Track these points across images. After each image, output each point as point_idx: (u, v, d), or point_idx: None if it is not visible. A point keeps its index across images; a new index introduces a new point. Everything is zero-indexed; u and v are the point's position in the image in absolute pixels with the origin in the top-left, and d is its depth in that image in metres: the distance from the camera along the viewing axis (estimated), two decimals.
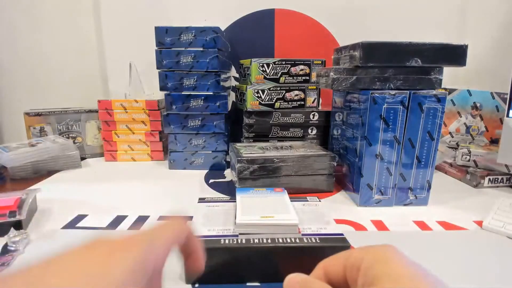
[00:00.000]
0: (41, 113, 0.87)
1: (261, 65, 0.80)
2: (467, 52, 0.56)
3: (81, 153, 0.89)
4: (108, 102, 0.85)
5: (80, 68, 1.02)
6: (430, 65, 0.57)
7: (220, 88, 0.79)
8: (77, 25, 1.00)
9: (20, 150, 0.74)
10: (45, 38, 0.99)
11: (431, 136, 0.57)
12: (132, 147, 0.88)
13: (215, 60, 0.77)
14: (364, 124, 0.57)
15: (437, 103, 0.55)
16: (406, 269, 0.17)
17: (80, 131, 0.91)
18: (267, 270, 0.37)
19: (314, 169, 0.65)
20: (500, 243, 0.47)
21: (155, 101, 0.86)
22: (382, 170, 0.58)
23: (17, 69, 1.01)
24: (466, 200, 0.63)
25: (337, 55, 0.67)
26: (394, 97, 0.55)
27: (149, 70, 0.88)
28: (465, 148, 0.75)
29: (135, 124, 0.87)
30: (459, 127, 0.90)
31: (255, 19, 0.99)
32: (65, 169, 0.80)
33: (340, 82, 0.58)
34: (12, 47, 0.99)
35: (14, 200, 0.50)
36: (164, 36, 0.76)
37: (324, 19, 1.00)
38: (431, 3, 0.99)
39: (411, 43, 0.55)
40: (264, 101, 0.79)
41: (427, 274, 0.17)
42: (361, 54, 0.55)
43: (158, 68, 0.78)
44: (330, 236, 0.38)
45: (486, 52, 1.00)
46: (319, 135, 0.81)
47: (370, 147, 0.57)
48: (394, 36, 0.96)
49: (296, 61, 0.81)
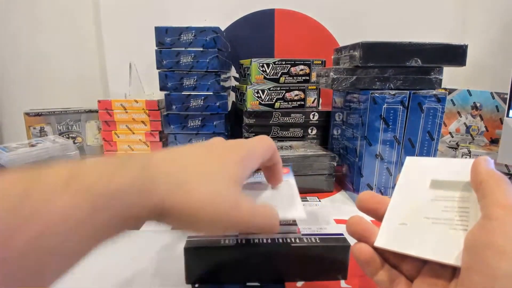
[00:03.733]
0: (41, 113, 0.87)
1: (261, 65, 0.80)
2: (467, 52, 0.56)
3: (81, 153, 0.89)
4: (108, 102, 0.85)
5: (80, 68, 1.02)
6: (430, 65, 0.57)
7: (220, 88, 0.79)
8: (77, 25, 1.00)
9: (20, 150, 0.74)
10: (45, 38, 0.99)
11: (431, 136, 0.57)
12: (132, 147, 0.88)
13: (215, 60, 0.77)
14: (364, 124, 0.57)
15: (437, 103, 0.55)
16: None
17: (80, 131, 0.91)
18: (267, 270, 0.37)
19: (314, 169, 0.65)
20: None
21: (155, 101, 0.86)
22: (382, 170, 0.58)
23: (17, 69, 1.01)
24: None
25: (337, 55, 0.67)
26: (394, 97, 0.55)
27: (149, 70, 0.88)
28: (465, 148, 0.75)
29: (135, 124, 0.87)
30: (459, 127, 0.90)
31: (255, 19, 0.99)
32: None
33: (340, 82, 0.58)
34: (12, 47, 0.99)
35: None
36: (164, 36, 0.76)
37: (324, 19, 1.00)
38: (431, 3, 0.99)
39: (411, 43, 0.55)
40: (264, 101, 0.79)
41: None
42: (361, 54, 0.55)
43: (158, 68, 0.78)
44: (330, 236, 0.38)
45: (486, 52, 1.00)
46: (319, 135, 0.81)
47: (370, 147, 0.57)
48: (394, 36, 0.96)
49: (296, 61, 0.81)
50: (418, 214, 0.26)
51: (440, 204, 0.26)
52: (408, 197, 0.28)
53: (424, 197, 0.27)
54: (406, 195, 0.29)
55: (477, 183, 0.23)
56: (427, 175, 0.29)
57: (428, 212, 0.26)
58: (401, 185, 0.30)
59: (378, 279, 0.26)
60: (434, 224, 0.25)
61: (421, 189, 0.28)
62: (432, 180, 0.28)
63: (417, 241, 0.25)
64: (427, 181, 0.28)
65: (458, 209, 0.25)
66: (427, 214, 0.26)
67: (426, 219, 0.26)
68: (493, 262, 0.18)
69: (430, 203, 0.26)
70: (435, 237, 0.24)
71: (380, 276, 0.26)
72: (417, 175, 0.29)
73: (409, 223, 0.26)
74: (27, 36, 0.99)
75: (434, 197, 0.27)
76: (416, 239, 0.25)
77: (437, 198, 0.26)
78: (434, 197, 0.27)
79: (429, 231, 0.25)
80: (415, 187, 0.29)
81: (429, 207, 0.26)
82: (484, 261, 0.18)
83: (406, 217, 0.27)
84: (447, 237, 0.23)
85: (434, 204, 0.26)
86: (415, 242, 0.25)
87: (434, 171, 0.29)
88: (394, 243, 0.25)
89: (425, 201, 0.27)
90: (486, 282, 0.18)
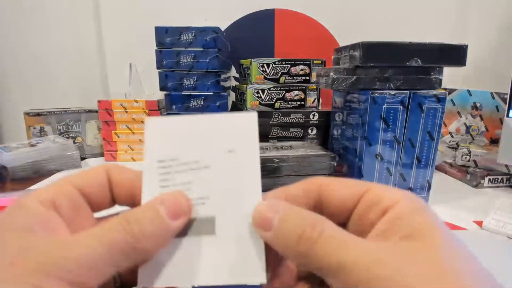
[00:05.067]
0: (41, 113, 0.87)
1: (261, 65, 0.80)
2: (467, 52, 0.56)
3: (81, 153, 0.89)
4: (108, 102, 0.85)
5: (80, 68, 1.02)
6: (430, 65, 0.57)
7: (220, 88, 0.79)
8: (77, 25, 0.99)
9: (20, 150, 0.74)
10: (45, 38, 0.99)
11: (431, 136, 0.57)
12: (132, 147, 0.88)
13: (215, 60, 0.77)
14: (364, 124, 0.57)
15: (437, 103, 0.55)
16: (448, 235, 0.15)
17: (80, 131, 0.91)
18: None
19: (314, 169, 0.65)
20: (500, 243, 0.47)
21: (155, 101, 0.85)
22: (382, 170, 0.58)
23: (17, 69, 1.01)
24: (466, 200, 0.63)
25: (337, 55, 0.67)
26: (394, 97, 0.55)
27: (149, 70, 0.88)
28: (465, 148, 0.75)
29: (135, 124, 0.87)
30: (459, 127, 0.90)
31: (255, 19, 0.99)
32: (65, 169, 0.80)
33: (340, 82, 0.58)
34: (12, 47, 0.99)
35: (14, 200, 0.50)
36: (164, 36, 0.76)
37: (324, 19, 1.00)
38: (431, 3, 0.99)
39: (411, 43, 0.55)
40: (264, 101, 0.79)
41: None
42: (361, 54, 0.55)
43: (158, 68, 0.78)
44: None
45: (486, 52, 1.00)
46: (319, 135, 0.81)
47: (370, 147, 0.57)
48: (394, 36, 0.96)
49: (296, 61, 0.81)
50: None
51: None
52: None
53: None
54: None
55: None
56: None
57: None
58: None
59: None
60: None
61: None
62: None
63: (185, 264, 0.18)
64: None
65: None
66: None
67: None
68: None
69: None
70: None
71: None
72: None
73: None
74: (27, 36, 0.99)
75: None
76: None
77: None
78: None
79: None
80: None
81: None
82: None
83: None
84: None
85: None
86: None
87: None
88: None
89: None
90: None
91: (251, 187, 0.19)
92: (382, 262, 0.14)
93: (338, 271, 0.14)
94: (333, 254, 0.15)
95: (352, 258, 0.14)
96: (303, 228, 0.16)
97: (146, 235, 0.16)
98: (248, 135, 0.20)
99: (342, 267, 0.14)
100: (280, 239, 0.16)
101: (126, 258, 0.16)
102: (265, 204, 0.18)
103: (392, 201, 0.16)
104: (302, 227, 0.16)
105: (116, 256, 0.15)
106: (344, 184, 0.18)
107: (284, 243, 0.16)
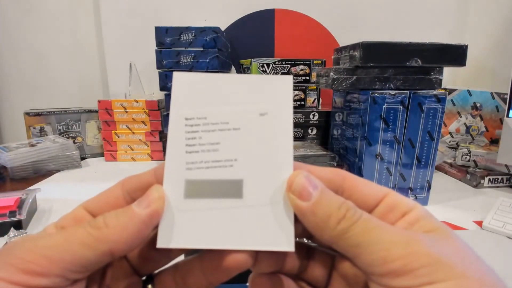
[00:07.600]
0: (41, 113, 0.87)
1: (261, 65, 0.80)
2: (467, 52, 0.56)
3: (81, 153, 0.89)
4: (108, 102, 0.85)
5: (80, 68, 1.02)
6: (430, 65, 0.57)
7: None
8: (77, 25, 1.00)
9: (20, 150, 0.74)
10: (45, 38, 0.99)
11: (431, 136, 0.57)
12: (132, 147, 0.88)
13: (215, 60, 0.77)
14: (364, 124, 0.57)
15: (437, 103, 0.55)
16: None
17: (80, 131, 0.91)
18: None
19: None
20: (500, 243, 0.47)
21: (155, 101, 0.86)
22: (382, 170, 0.58)
23: (17, 69, 1.01)
24: (466, 200, 0.63)
25: (337, 55, 0.67)
26: (394, 97, 0.55)
27: (149, 70, 0.88)
28: (465, 148, 0.75)
29: (135, 124, 0.87)
30: (459, 127, 0.90)
31: (255, 19, 0.99)
32: (65, 169, 0.80)
33: (340, 82, 0.58)
34: (12, 47, 0.99)
35: (14, 200, 0.50)
36: (164, 36, 0.76)
37: (324, 19, 1.00)
38: (431, 3, 0.99)
39: (411, 43, 0.55)
40: None
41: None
42: (361, 54, 0.55)
43: (158, 68, 0.78)
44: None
45: (486, 52, 1.00)
46: (319, 135, 0.81)
47: (370, 147, 0.57)
48: (394, 36, 0.96)
49: (296, 61, 0.81)
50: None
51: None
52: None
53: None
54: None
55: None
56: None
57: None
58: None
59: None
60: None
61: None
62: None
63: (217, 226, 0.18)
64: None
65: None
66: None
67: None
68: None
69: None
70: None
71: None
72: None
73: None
74: (27, 36, 0.99)
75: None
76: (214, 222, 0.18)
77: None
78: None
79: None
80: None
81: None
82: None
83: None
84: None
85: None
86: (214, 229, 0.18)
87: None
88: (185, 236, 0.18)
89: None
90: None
91: (283, 154, 0.18)
92: (419, 240, 0.15)
93: (377, 247, 0.15)
94: (372, 232, 0.16)
95: (391, 236, 0.16)
96: (346, 208, 0.17)
97: (110, 225, 0.16)
98: (282, 99, 0.19)
99: (381, 243, 0.15)
100: (319, 213, 0.17)
101: (89, 249, 0.16)
102: (305, 175, 0.17)
103: (409, 207, 0.18)
104: (345, 208, 0.17)
105: (76, 247, 0.16)
106: (367, 183, 0.19)
107: (323, 219, 0.17)
